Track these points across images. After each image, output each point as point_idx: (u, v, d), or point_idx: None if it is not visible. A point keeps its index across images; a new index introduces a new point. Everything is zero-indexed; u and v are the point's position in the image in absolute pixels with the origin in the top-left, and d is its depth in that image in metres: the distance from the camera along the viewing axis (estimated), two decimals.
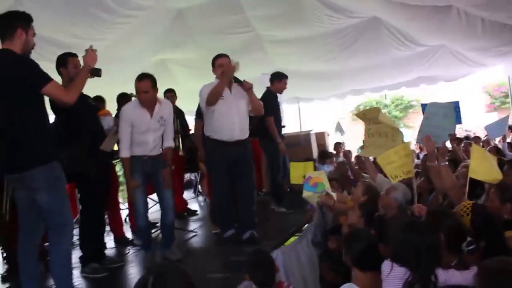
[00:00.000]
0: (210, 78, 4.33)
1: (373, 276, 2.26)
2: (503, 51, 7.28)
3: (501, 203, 2.74)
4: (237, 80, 4.31)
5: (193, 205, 6.89)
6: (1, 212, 3.68)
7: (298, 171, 4.67)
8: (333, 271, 3.11)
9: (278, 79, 5.88)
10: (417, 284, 1.99)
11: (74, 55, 3.78)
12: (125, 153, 3.77)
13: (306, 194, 3.99)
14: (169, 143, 4.00)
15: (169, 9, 6.68)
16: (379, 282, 2.20)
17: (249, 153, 4.42)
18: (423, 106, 5.29)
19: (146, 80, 3.70)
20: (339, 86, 10.23)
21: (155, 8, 6.06)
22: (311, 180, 4.03)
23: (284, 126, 6.54)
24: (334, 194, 3.77)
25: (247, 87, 4.12)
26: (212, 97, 4.03)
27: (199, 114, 4.67)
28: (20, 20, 2.80)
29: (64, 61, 3.75)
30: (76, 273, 3.77)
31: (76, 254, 3.99)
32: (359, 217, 3.13)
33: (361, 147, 4.72)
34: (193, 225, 5.57)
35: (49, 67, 3.23)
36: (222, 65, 4.18)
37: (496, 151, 5.65)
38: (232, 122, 4.16)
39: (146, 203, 4.07)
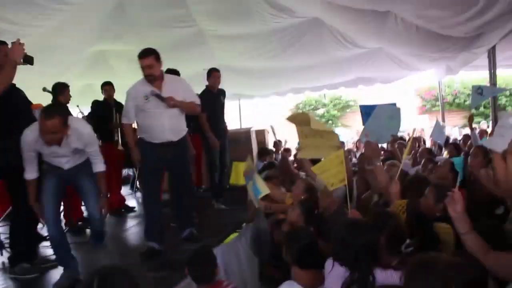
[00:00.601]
0: None
1: (314, 274, 2.31)
2: (434, 57, 7.64)
3: (435, 202, 2.87)
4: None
5: (131, 202, 6.74)
6: None
7: (239, 171, 4.64)
8: (274, 266, 3.15)
9: (208, 75, 6.03)
10: (355, 284, 2.03)
11: (4, 43, 3.57)
12: (28, 176, 3.37)
13: (249, 192, 3.95)
14: (99, 167, 3.57)
15: None
16: (319, 280, 2.25)
17: (183, 153, 4.29)
18: (362, 108, 5.46)
19: (53, 119, 3.09)
20: (279, 84, 10.35)
21: None
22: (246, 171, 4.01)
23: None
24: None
25: (169, 105, 3.96)
26: None
27: (127, 115, 4.27)
28: None
29: None
30: (4, 275, 3.58)
31: (6, 254, 3.80)
32: (299, 215, 3.18)
33: (298, 149, 4.74)
34: (130, 222, 5.46)
35: None
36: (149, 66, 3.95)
37: (428, 152, 5.96)
38: (162, 124, 4.01)
39: (58, 209, 3.68)
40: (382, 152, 6.09)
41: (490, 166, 3.16)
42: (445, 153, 6.56)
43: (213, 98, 5.94)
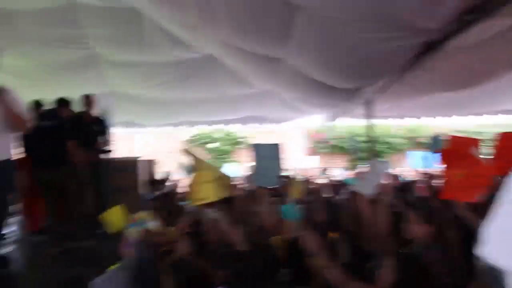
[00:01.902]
0: (36, 89, 3.95)
1: None
2: (320, 104, 8.14)
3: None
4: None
5: None
6: None
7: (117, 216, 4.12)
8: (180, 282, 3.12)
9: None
10: None
11: None
12: None
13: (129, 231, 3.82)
14: None
15: None
16: None
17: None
18: (253, 146, 5.56)
19: None
20: (173, 115, 10.30)
21: None
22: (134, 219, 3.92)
23: (109, 151, 6.43)
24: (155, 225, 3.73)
25: None
26: None
27: None
28: None
29: None
30: None
31: None
32: (188, 247, 3.17)
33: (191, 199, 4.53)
34: None
35: None
36: None
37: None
38: None
39: None
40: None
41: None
42: None
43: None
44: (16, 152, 5.45)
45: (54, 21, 6.53)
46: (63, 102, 5.98)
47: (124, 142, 11.09)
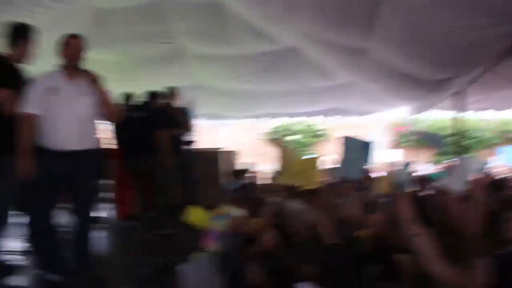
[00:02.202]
0: (124, 83, 4.06)
1: None
2: (408, 95, 7.81)
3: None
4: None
5: None
6: None
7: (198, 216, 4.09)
8: (266, 273, 3.14)
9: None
10: None
11: None
12: None
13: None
14: None
15: (90, 7, 6.40)
16: None
17: (89, 168, 3.50)
18: (343, 139, 5.41)
19: None
20: (254, 107, 10.37)
21: (76, 3, 5.82)
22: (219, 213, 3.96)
23: (192, 142, 6.61)
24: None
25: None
26: None
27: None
28: None
29: None
30: None
31: None
32: (273, 238, 3.15)
33: (276, 174, 4.67)
34: None
35: None
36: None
37: None
38: (67, 127, 3.35)
39: None
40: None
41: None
42: None
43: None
44: (109, 142, 5.75)
45: (142, 18, 6.79)
46: (153, 95, 6.22)
47: (208, 134, 11.33)
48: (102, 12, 6.57)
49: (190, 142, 6.56)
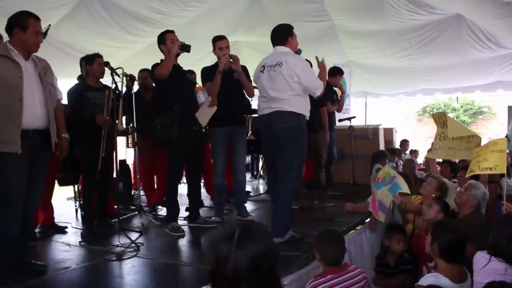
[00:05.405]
0: None
1: (459, 268, 2.30)
2: None
3: None
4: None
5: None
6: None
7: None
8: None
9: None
10: None
11: (171, 31, 4.18)
12: None
13: (380, 193, 3.90)
14: None
15: None
16: (463, 274, 2.27)
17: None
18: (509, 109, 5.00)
19: None
20: (409, 84, 9.98)
21: None
22: (380, 178, 3.98)
23: (354, 117, 6.86)
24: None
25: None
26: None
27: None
28: None
29: (162, 38, 4.13)
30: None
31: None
32: (438, 212, 3.11)
33: (429, 150, 4.52)
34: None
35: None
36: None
37: None
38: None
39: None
40: None
41: None
42: None
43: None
44: None
45: None
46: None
47: (359, 111, 11.23)
48: None
49: (347, 119, 6.70)
